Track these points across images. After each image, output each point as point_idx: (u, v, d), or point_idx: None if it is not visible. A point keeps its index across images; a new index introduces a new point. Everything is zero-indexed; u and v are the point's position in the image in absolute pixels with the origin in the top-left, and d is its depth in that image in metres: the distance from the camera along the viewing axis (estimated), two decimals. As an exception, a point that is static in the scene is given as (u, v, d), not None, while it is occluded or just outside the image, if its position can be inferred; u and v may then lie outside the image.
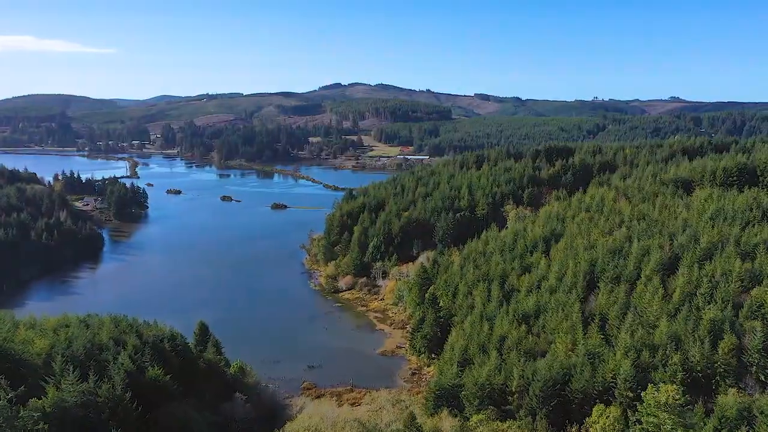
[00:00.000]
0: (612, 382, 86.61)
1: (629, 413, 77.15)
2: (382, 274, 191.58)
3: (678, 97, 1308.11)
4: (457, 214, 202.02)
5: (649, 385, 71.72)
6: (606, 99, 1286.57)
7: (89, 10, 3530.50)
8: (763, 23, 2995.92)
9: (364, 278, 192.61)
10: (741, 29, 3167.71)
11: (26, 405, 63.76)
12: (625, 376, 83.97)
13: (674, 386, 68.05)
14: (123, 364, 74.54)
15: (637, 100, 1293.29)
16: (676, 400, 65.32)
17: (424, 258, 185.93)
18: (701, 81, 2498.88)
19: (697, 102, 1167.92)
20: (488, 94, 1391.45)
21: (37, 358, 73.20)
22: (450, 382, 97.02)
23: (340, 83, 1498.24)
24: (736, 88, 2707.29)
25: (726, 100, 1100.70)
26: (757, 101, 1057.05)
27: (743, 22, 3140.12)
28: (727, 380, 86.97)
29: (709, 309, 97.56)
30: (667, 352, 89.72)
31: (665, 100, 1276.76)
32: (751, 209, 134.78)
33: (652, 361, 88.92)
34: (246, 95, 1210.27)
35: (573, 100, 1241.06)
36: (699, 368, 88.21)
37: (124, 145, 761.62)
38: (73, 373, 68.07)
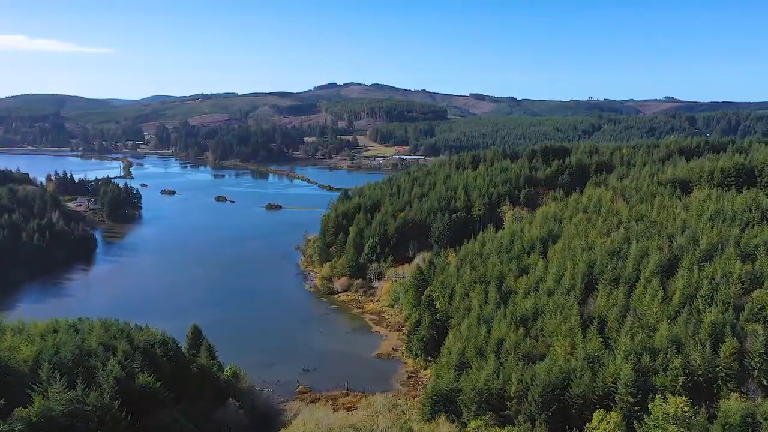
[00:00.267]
0: (612, 386, 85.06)
1: (636, 425, 75.38)
2: (378, 275, 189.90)
3: (673, 97, 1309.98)
4: (454, 215, 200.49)
5: (657, 397, 70.09)
6: (601, 99, 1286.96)
7: (83, 10, 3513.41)
8: (757, 23, 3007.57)
9: (360, 280, 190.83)
10: (735, 29, 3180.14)
11: (11, 415, 61.92)
12: (626, 380, 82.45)
13: (683, 398, 66.41)
14: (112, 370, 72.54)
15: (632, 100, 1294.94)
16: (685, 412, 63.72)
17: (420, 259, 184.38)
18: (696, 81, 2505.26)
19: (691, 102, 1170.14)
20: (484, 93, 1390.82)
21: (23, 365, 71.20)
22: (447, 386, 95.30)
23: (335, 83, 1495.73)
24: (731, 88, 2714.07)
25: (720, 100, 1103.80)
26: (751, 101, 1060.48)
27: (738, 22, 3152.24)
28: (728, 385, 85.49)
29: (710, 312, 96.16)
30: (668, 356, 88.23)
31: (660, 100, 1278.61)
32: (751, 210, 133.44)
33: (653, 366, 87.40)
34: (241, 95, 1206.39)
35: (568, 100, 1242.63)
36: (700, 372, 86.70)
37: (118, 145, 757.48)
38: (60, 380, 66.20)
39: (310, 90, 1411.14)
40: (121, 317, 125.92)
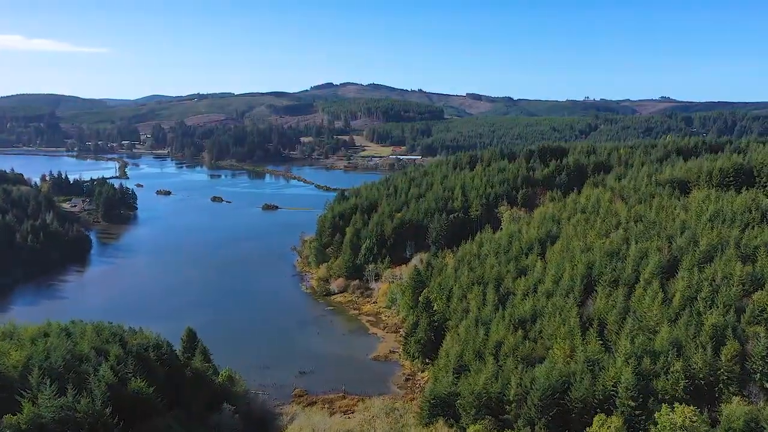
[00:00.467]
0: (613, 390, 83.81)
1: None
2: (375, 276, 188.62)
3: (668, 97, 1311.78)
4: (451, 216, 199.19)
5: (663, 406, 68.75)
6: (597, 99, 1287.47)
7: (80, 10, 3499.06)
8: (753, 23, 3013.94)
9: (357, 281, 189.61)
10: (731, 29, 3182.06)
11: (0, 421, 60.51)
12: (627, 384, 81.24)
13: (691, 408, 65.10)
14: (104, 376, 71.00)
15: (628, 99, 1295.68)
16: (693, 422, 62.45)
17: (418, 260, 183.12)
18: (692, 81, 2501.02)
19: (687, 102, 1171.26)
20: (480, 93, 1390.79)
21: (13, 371, 69.66)
22: (445, 390, 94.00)
23: (331, 83, 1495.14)
24: (727, 88, 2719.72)
25: (716, 100, 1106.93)
26: (746, 101, 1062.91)
27: (734, 23, 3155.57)
28: (730, 388, 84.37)
29: (711, 314, 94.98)
30: (669, 359, 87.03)
31: (656, 100, 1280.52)
32: (750, 211, 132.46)
33: (653, 369, 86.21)
34: (237, 95, 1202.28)
35: (564, 99, 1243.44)
36: (701, 376, 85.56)
37: (114, 145, 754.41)
38: (50, 386, 64.72)
39: (307, 90, 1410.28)
40: (115, 319, 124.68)
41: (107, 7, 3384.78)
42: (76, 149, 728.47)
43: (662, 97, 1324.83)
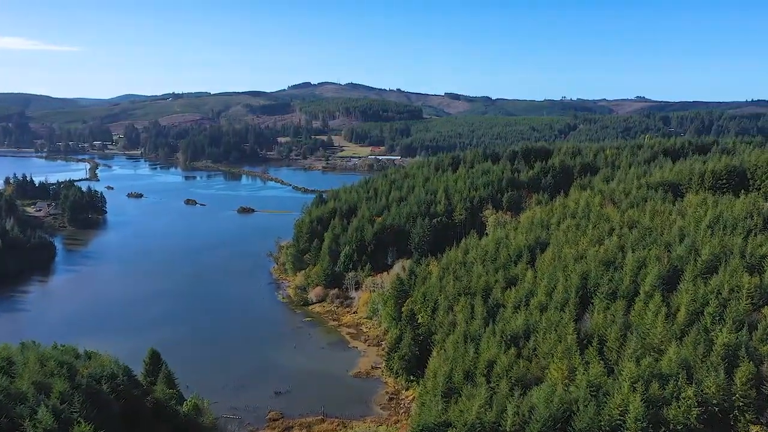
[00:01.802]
0: (620, 419, 75.82)
1: None
2: (355, 284, 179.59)
3: (644, 97, 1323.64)
4: (434, 220, 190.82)
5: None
6: (574, 98, 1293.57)
7: (50, 6, 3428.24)
8: (727, 24, 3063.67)
9: (336, 289, 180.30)
10: (705, 30, 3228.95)
11: None
12: (636, 414, 73.33)
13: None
14: (42, 420, 61.05)
15: (605, 99, 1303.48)
16: None
17: (400, 267, 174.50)
18: (667, 81, 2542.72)
19: (663, 101, 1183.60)
20: (458, 93, 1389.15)
21: (-67, 417, 59.46)
22: (434, 420, 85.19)
23: (309, 82, 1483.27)
24: (701, 88, 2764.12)
25: (691, 100, 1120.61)
26: (721, 101, 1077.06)
27: (707, 23, 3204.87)
28: (746, 415, 77.05)
29: (720, 331, 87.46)
30: (679, 383, 79.31)
31: (632, 100, 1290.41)
32: (752, 216, 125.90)
33: (662, 394, 78.45)
34: (213, 94, 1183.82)
35: (542, 99, 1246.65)
36: (715, 401, 78.07)
37: (85, 145, 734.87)
38: (-25, 437, 54.78)
39: (284, 89, 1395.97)
40: (75, 336, 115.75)
41: (80, 4, 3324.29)
42: (45, 150, 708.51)
43: (638, 96, 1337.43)
